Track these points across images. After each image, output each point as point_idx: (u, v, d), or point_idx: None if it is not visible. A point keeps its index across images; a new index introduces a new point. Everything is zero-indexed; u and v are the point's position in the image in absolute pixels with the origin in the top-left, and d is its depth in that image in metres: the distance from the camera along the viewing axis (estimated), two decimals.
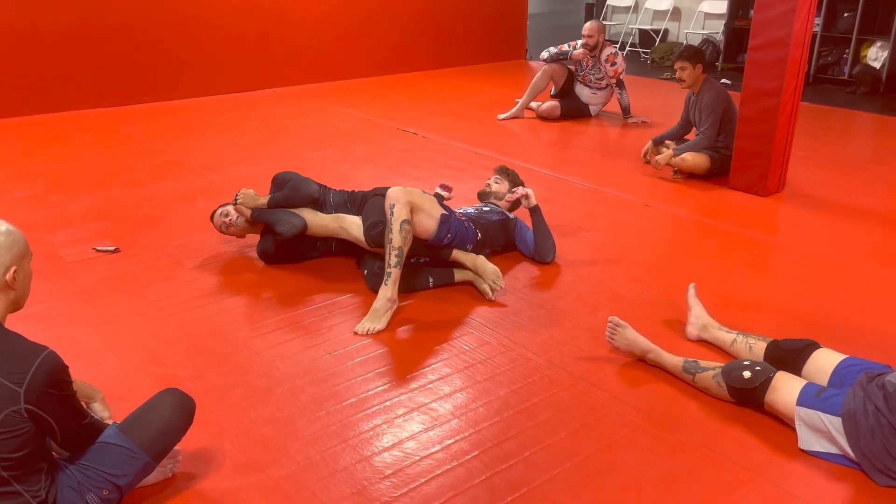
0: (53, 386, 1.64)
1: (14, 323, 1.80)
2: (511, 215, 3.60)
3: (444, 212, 3.13)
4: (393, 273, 2.91)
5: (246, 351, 2.74)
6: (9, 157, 5.22)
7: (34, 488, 1.69)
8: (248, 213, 3.32)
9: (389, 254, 2.91)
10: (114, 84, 6.68)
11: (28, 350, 1.64)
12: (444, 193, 3.63)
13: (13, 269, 1.69)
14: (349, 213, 3.34)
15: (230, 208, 3.41)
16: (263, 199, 3.31)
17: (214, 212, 3.46)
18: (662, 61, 9.18)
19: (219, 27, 7.14)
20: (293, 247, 3.40)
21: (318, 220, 3.26)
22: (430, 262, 3.25)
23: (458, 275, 3.24)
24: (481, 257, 3.19)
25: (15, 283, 1.70)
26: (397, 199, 2.93)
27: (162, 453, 1.91)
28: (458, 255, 3.19)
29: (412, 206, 2.96)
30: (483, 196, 3.72)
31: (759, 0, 4.13)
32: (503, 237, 3.51)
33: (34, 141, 5.64)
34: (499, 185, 3.72)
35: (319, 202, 3.40)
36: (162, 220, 4.02)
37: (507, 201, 3.68)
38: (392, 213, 2.91)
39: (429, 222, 3.05)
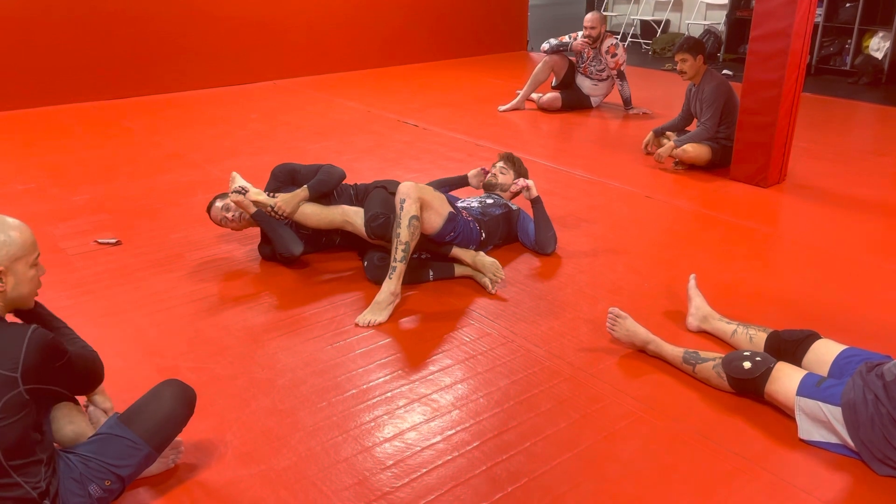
0: (48, 360, 1.67)
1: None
2: (514, 206, 3.60)
3: (452, 210, 3.13)
4: (398, 267, 2.91)
5: (247, 342, 2.75)
6: (9, 149, 5.22)
7: (34, 479, 1.70)
8: (251, 209, 3.23)
9: (396, 248, 2.91)
10: (114, 77, 6.67)
11: (14, 333, 1.65)
12: (474, 181, 3.70)
13: (0, 270, 1.69)
14: (353, 206, 3.33)
15: (231, 203, 3.32)
16: (303, 193, 3.19)
17: (212, 203, 3.38)
18: (664, 52, 9.15)
19: (219, 19, 7.12)
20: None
21: (323, 214, 3.22)
22: (429, 256, 3.25)
23: (459, 269, 3.24)
24: (480, 253, 3.19)
25: (3, 286, 1.70)
26: (408, 195, 2.93)
27: (163, 444, 1.93)
28: (457, 251, 3.19)
29: (422, 202, 2.96)
30: (489, 187, 3.69)
31: None
32: (506, 230, 3.51)
33: (35, 134, 5.64)
34: (504, 176, 3.68)
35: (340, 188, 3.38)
36: (162, 213, 4.02)
37: (511, 192, 3.67)
38: (402, 208, 2.91)
39: (436, 220, 3.05)
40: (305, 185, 3.23)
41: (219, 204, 3.35)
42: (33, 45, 6.23)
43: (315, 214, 3.21)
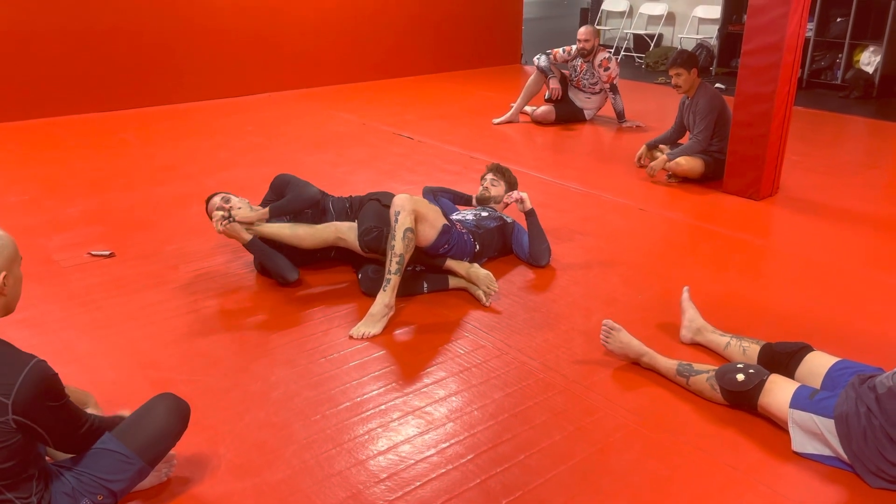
0: (43, 396, 1.63)
1: (8, 327, 1.81)
2: (508, 219, 3.61)
3: (447, 223, 3.14)
4: (392, 280, 2.91)
5: (241, 354, 2.74)
6: (3, 161, 5.21)
7: (24, 495, 1.69)
8: (245, 237, 3.20)
9: (390, 260, 2.91)
10: (109, 88, 6.67)
11: (15, 360, 1.62)
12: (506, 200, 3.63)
13: (3, 274, 1.68)
14: (349, 220, 3.34)
15: (226, 221, 3.22)
16: (263, 213, 3.19)
17: (210, 198, 3.32)
18: (657, 66, 9.21)
19: (214, 31, 7.15)
20: (292, 260, 3.29)
21: (317, 235, 3.23)
22: (424, 269, 3.26)
23: (453, 281, 3.25)
24: (474, 265, 3.19)
25: (5, 289, 1.70)
26: (402, 207, 2.94)
27: (156, 458, 1.91)
28: (451, 263, 3.19)
29: (417, 214, 2.97)
30: (482, 201, 3.70)
31: (751, 5, 4.16)
32: (500, 242, 3.52)
33: (29, 145, 5.63)
34: (497, 189, 3.70)
35: (321, 208, 3.39)
36: (157, 225, 4.02)
37: (504, 203, 3.68)
38: (397, 221, 2.92)
39: (431, 232, 3.06)
40: (269, 206, 3.23)
41: (217, 199, 3.32)
42: (29, 58, 6.23)
43: (309, 236, 3.22)
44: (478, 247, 3.33)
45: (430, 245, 3.10)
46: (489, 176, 3.74)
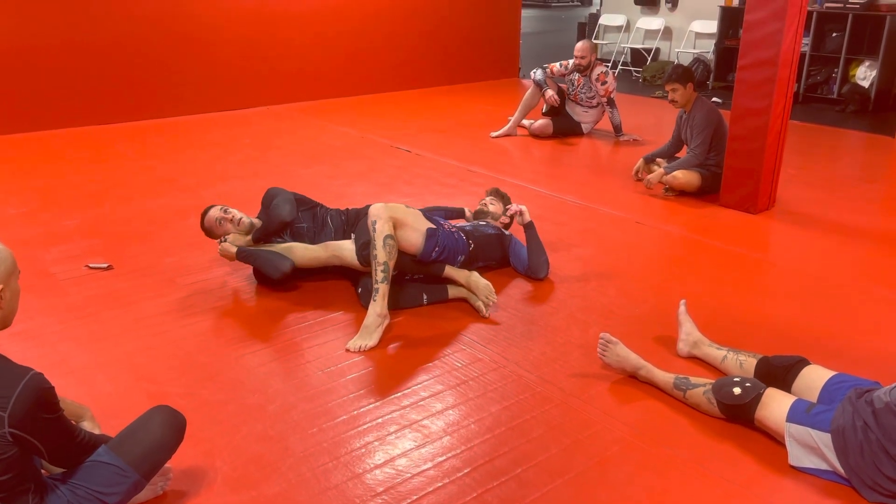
0: (38, 409, 1.63)
1: (5, 340, 1.81)
2: (506, 231, 3.63)
3: (431, 226, 3.14)
4: (381, 288, 2.92)
5: (238, 368, 2.74)
6: (1, 173, 5.22)
7: None
8: (234, 254, 3.29)
9: (375, 269, 2.92)
10: (107, 101, 6.70)
11: (11, 373, 1.63)
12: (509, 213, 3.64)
13: (0, 287, 1.68)
14: (347, 232, 3.35)
15: (224, 236, 3.36)
16: (247, 240, 3.31)
17: (206, 212, 3.38)
18: (654, 80, 9.27)
19: (212, 45, 7.18)
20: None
21: (308, 254, 3.26)
22: (422, 279, 3.26)
23: (452, 291, 3.25)
24: (474, 273, 3.20)
25: (2, 302, 1.70)
26: (378, 216, 2.96)
27: (152, 471, 1.91)
28: (450, 271, 3.20)
29: (395, 221, 2.98)
30: (480, 215, 3.72)
31: (747, 20, 4.20)
32: (498, 251, 3.53)
33: (27, 158, 5.64)
34: (494, 206, 3.74)
35: (320, 221, 3.40)
36: (154, 237, 4.02)
37: (502, 222, 3.70)
38: (374, 230, 2.94)
39: (414, 236, 3.06)
40: (252, 233, 3.31)
41: (213, 213, 3.35)
42: (27, 71, 6.25)
43: (301, 255, 3.25)
44: (472, 244, 3.32)
45: (420, 252, 3.09)
46: (488, 198, 3.80)
